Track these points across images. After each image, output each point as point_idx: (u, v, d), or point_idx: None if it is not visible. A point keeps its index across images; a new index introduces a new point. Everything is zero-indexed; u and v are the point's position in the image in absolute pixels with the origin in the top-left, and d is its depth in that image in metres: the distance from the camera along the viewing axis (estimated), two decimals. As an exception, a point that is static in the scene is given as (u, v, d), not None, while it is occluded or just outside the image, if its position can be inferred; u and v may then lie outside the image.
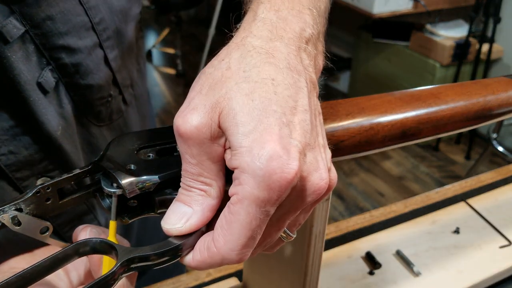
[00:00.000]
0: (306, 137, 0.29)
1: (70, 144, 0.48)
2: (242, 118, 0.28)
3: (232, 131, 0.28)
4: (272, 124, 0.28)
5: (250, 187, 0.28)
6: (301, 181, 0.29)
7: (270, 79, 0.30)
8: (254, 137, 0.28)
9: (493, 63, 2.64)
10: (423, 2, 2.42)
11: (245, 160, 0.28)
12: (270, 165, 0.27)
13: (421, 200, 0.77)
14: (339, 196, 2.34)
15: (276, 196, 0.28)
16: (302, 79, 0.31)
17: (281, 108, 0.29)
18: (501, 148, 2.26)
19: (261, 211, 0.28)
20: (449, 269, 0.61)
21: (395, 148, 0.44)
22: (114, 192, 0.32)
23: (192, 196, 0.31)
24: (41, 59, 0.43)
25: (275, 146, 0.28)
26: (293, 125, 0.29)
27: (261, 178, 0.27)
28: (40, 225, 0.32)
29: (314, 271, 0.42)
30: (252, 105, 0.28)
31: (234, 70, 0.30)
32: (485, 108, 0.47)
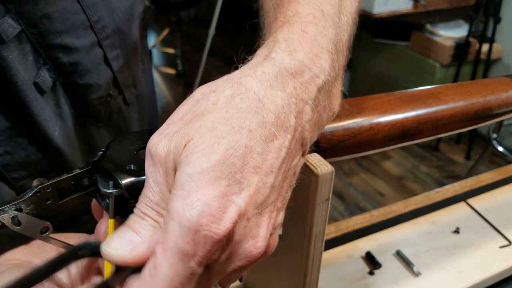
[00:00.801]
0: (257, 200, 0.28)
1: (68, 144, 0.47)
2: (197, 158, 0.27)
3: (180, 168, 0.27)
4: (222, 177, 0.26)
5: (175, 237, 0.26)
6: (233, 245, 0.28)
7: (247, 129, 0.28)
8: (196, 184, 0.26)
9: (493, 63, 2.64)
10: (423, 2, 2.42)
11: (177, 207, 0.26)
12: (200, 220, 0.25)
13: (421, 200, 0.77)
14: (339, 196, 2.34)
15: (201, 254, 0.26)
16: (287, 138, 0.29)
17: (242, 163, 0.27)
18: (501, 148, 2.26)
19: (185, 267, 0.26)
20: (449, 269, 0.61)
21: (395, 148, 0.44)
22: (111, 193, 0.31)
23: (143, 225, 0.28)
24: (38, 59, 0.43)
25: (213, 201, 0.26)
26: (247, 185, 0.27)
27: (186, 231, 0.26)
28: (40, 225, 0.32)
29: (314, 271, 0.42)
30: (215, 150, 0.27)
31: (218, 108, 0.28)
32: (485, 108, 0.47)
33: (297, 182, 0.32)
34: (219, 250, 0.27)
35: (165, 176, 0.28)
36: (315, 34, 0.33)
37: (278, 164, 0.29)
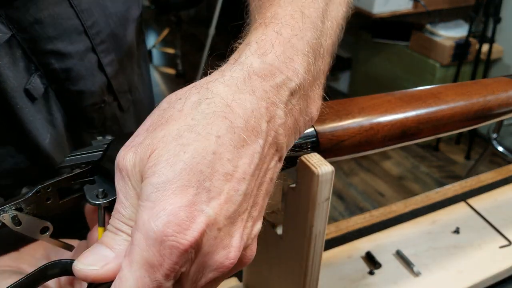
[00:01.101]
0: (228, 209, 0.27)
1: (59, 152, 0.46)
2: (162, 168, 0.26)
3: (146, 178, 0.26)
4: (190, 185, 0.25)
5: (141, 249, 0.25)
6: (202, 256, 0.27)
7: (215, 135, 0.27)
8: (162, 194, 0.25)
9: (493, 63, 2.64)
10: (423, 2, 2.42)
11: (142, 218, 0.25)
12: (165, 230, 0.25)
13: (421, 200, 0.77)
14: (339, 196, 2.34)
15: (167, 265, 0.25)
16: (258, 143, 0.28)
17: (211, 171, 0.26)
18: (501, 148, 2.26)
19: (152, 280, 0.25)
20: (449, 269, 0.61)
21: (395, 148, 0.44)
22: (99, 205, 0.31)
23: (116, 240, 0.28)
24: (29, 65, 0.42)
25: (179, 211, 0.25)
26: (217, 193, 0.26)
27: (152, 242, 0.25)
28: (40, 224, 0.32)
29: (314, 271, 0.42)
30: (181, 158, 0.26)
31: (183, 114, 0.27)
32: (485, 108, 0.47)
33: (297, 182, 0.32)
34: (187, 261, 0.26)
35: (133, 189, 0.27)
36: (290, 36, 0.32)
37: (251, 171, 0.28)
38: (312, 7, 0.35)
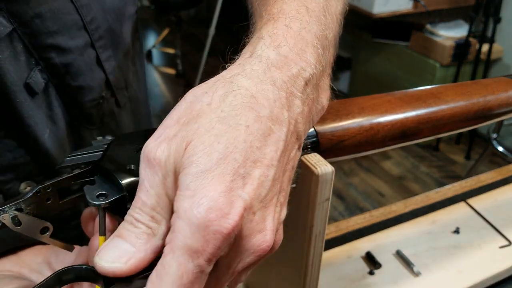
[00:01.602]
0: (260, 194, 0.28)
1: (58, 148, 0.47)
2: (199, 158, 0.27)
3: (184, 169, 0.27)
4: (226, 173, 0.27)
5: (183, 235, 0.26)
6: (241, 240, 0.28)
7: (244, 125, 0.28)
8: (201, 182, 0.26)
9: (493, 63, 2.64)
10: (423, 2, 2.42)
11: (184, 206, 0.26)
12: (208, 216, 0.26)
13: (421, 200, 0.77)
14: (339, 196, 2.34)
15: (211, 250, 0.26)
16: (283, 131, 0.30)
17: (244, 158, 0.28)
18: (501, 148, 2.26)
19: (194, 265, 0.26)
20: (449, 269, 0.61)
21: (395, 148, 0.44)
22: (99, 205, 0.31)
23: (136, 233, 0.28)
24: (30, 59, 0.42)
25: (219, 196, 0.26)
26: (250, 179, 0.28)
27: (195, 228, 0.26)
28: (41, 225, 0.32)
29: (314, 271, 0.42)
30: (216, 148, 0.27)
31: (213, 107, 0.29)
32: (485, 108, 0.47)
33: (297, 181, 0.32)
34: (228, 245, 0.27)
35: (163, 179, 0.28)
36: (299, 29, 0.34)
37: (277, 157, 0.29)
38: (314, 2, 0.37)
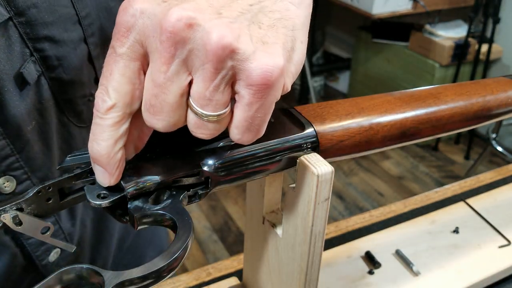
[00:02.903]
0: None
1: (42, 142, 0.46)
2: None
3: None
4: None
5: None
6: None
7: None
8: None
9: (492, 63, 2.64)
10: (422, 2, 2.42)
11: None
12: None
13: (420, 200, 0.77)
14: (338, 196, 2.34)
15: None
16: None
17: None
18: (500, 148, 2.26)
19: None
20: (448, 268, 0.61)
21: (395, 148, 0.44)
22: (99, 205, 0.31)
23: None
24: (24, 50, 0.42)
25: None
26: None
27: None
28: (41, 225, 0.32)
29: (314, 271, 0.42)
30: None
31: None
32: (484, 108, 0.47)
33: (297, 182, 0.32)
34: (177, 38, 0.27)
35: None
36: None
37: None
38: None
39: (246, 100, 0.29)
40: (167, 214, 0.31)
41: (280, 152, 0.36)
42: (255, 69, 0.27)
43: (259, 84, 0.28)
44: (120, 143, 0.30)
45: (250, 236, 0.49)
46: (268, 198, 0.44)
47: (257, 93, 0.28)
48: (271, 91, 0.29)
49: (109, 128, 0.29)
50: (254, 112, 0.29)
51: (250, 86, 0.28)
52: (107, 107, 0.29)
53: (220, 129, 0.30)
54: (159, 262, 0.29)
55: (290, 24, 0.30)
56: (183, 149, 0.34)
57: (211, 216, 2.21)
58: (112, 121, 0.29)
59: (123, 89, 0.29)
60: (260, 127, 0.30)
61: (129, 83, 0.29)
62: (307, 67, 2.89)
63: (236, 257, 0.65)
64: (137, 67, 0.29)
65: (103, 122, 0.29)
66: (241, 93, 0.29)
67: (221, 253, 2.00)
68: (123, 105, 0.29)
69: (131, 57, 0.28)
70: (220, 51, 0.27)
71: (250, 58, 0.27)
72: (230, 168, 0.34)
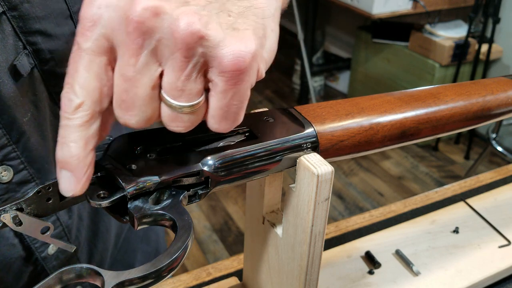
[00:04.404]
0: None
1: (38, 133, 0.47)
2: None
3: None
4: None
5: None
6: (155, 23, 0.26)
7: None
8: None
9: (492, 64, 2.64)
10: (422, 2, 2.42)
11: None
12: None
13: (420, 200, 0.77)
14: (338, 196, 2.34)
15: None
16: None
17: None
18: (500, 148, 2.26)
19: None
20: (448, 268, 0.61)
21: (395, 148, 0.44)
22: (99, 205, 0.31)
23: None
24: (18, 43, 0.43)
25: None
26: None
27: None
28: (41, 225, 0.32)
29: (314, 270, 0.42)
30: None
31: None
32: (484, 108, 0.47)
33: (297, 182, 0.32)
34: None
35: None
36: None
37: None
38: None
39: (220, 87, 0.28)
40: (167, 214, 0.31)
41: (280, 152, 0.36)
42: (226, 55, 0.27)
43: (231, 70, 0.27)
44: (90, 144, 0.29)
45: (250, 236, 0.50)
46: (268, 198, 0.44)
47: (231, 80, 0.27)
48: (244, 77, 0.28)
49: (78, 128, 0.28)
50: (229, 99, 0.28)
51: (223, 73, 0.27)
52: (75, 106, 0.28)
53: (196, 121, 0.30)
54: (159, 262, 0.29)
55: (260, 12, 0.30)
56: (183, 149, 0.34)
57: (211, 216, 2.21)
58: (81, 120, 0.28)
59: (90, 86, 0.28)
60: (237, 115, 0.29)
61: (96, 79, 0.28)
62: (307, 67, 2.90)
63: (236, 257, 0.65)
64: (103, 62, 0.28)
65: (72, 123, 0.28)
66: (214, 80, 0.28)
67: (221, 253, 2.00)
68: (92, 103, 0.28)
69: (97, 52, 0.27)
70: (189, 38, 0.26)
71: (220, 45, 0.27)
72: (230, 168, 0.34)
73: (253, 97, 3.23)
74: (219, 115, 0.29)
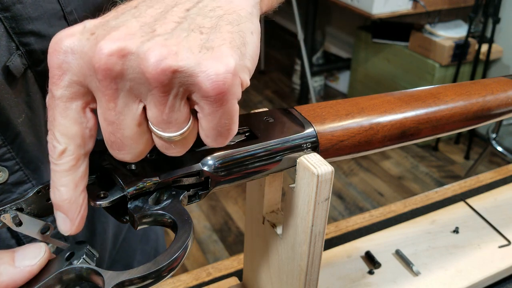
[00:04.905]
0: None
1: (33, 134, 0.47)
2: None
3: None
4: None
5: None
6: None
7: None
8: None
9: (492, 63, 2.64)
10: (422, 2, 2.42)
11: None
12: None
13: (420, 200, 0.77)
14: (338, 196, 2.34)
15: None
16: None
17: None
18: (500, 148, 2.26)
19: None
20: (448, 268, 0.61)
21: (395, 148, 0.44)
22: (99, 205, 0.31)
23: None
24: (11, 44, 0.42)
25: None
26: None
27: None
28: (41, 224, 0.32)
29: (314, 271, 0.42)
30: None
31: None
32: (484, 108, 0.47)
33: (297, 182, 0.32)
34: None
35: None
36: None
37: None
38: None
39: (207, 110, 0.27)
40: (167, 214, 0.31)
41: (280, 152, 0.36)
42: (204, 81, 0.26)
43: (213, 94, 0.26)
44: (80, 186, 0.29)
45: (250, 236, 0.50)
46: (268, 198, 0.44)
47: (216, 103, 0.27)
48: (229, 96, 0.27)
49: (65, 173, 0.28)
50: (219, 119, 0.28)
51: (206, 98, 0.27)
52: (59, 153, 0.28)
53: (189, 144, 0.30)
54: (159, 262, 0.29)
55: (235, 18, 0.29)
56: None
57: (211, 216, 2.21)
58: (67, 165, 0.28)
59: (70, 132, 0.28)
60: (230, 130, 0.29)
61: (75, 124, 0.28)
62: (307, 67, 2.90)
63: (236, 257, 0.65)
64: (80, 106, 0.28)
65: (59, 168, 0.28)
66: (200, 104, 0.27)
67: (221, 253, 2.00)
68: (75, 147, 0.28)
69: (70, 98, 0.27)
70: (162, 76, 0.25)
71: (196, 72, 0.26)
72: (230, 168, 0.34)
73: (253, 97, 3.23)
74: (212, 134, 0.29)
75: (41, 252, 0.30)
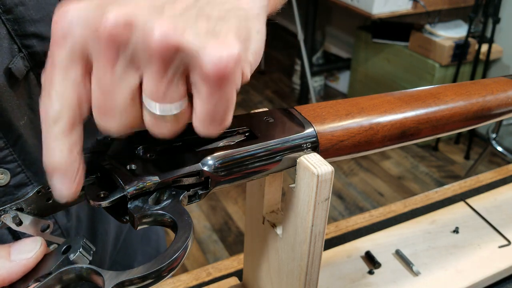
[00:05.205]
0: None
1: (35, 136, 0.47)
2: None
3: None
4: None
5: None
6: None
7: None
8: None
9: (492, 63, 2.64)
10: (422, 2, 2.42)
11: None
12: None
13: (420, 200, 0.77)
14: (338, 196, 2.34)
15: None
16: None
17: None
18: (500, 148, 2.26)
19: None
20: (448, 268, 0.61)
21: (395, 148, 0.44)
22: (99, 205, 0.31)
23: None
24: (13, 46, 0.42)
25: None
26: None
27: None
28: (41, 224, 0.32)
29: (313, 271, 0.42)
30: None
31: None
32: (484, 108, 0.47)
33: (297, 182, 0.32)
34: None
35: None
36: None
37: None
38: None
39: (204, 93, 0.27)
40: (167, 214, 0.31)
41: (280, 152, 0.36)
42: (207, 63, 0.26)
43: (214, 76, 0.26)
44: (75, 149, 0.28)
45: (250, 236, 0.50)
46: (268, 198, 0.45)
47: (214, 86, 0.27)
48: (228, 82, 0.27)
49: (60, 136, 0.28)
50: (215, 104, 0.28)
51: (206, 79, 0.27)
52: (54, 115, 0.28)
53: (180, 127, 0.29)
54: (159, 262, 0.29)
55: (243, 14, 0.29)
56: (183, 149, 0.34)
57: (211, 216, 2.21)
58: (62, 128, 0.28)
59: (67, 94, 0.27)
60: (224, 119, 0.29)
61: (72, 87, 0.28)
62: (307, 67, 2.90)
63: (236, 257, 0.65)
64: (79, 72, 0.28)
65: (53, 131, 0.28)
66: (198, 85, 0.27)
67: (221, 253, 2.00)
68: (70, 110, 0.28)
69: (71, 64, 0.27)
70: (165, 50, 0.25)
71: (199, 53, 0.26)
72: (230, 168, 0.34)
73: (253, 97, 3.23)
74: (205, 119, 0.28)
75: (36, 246, 0.30)
